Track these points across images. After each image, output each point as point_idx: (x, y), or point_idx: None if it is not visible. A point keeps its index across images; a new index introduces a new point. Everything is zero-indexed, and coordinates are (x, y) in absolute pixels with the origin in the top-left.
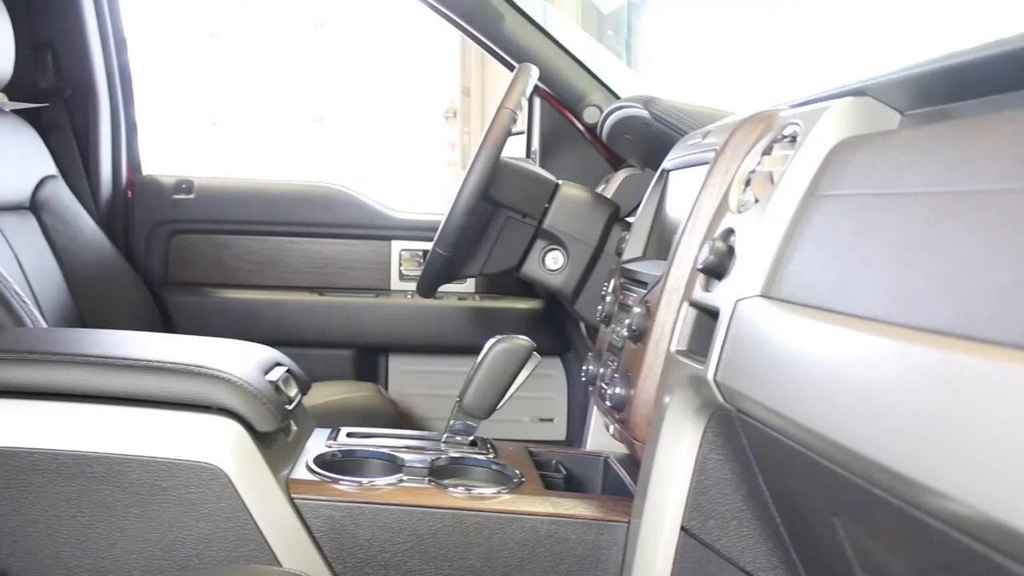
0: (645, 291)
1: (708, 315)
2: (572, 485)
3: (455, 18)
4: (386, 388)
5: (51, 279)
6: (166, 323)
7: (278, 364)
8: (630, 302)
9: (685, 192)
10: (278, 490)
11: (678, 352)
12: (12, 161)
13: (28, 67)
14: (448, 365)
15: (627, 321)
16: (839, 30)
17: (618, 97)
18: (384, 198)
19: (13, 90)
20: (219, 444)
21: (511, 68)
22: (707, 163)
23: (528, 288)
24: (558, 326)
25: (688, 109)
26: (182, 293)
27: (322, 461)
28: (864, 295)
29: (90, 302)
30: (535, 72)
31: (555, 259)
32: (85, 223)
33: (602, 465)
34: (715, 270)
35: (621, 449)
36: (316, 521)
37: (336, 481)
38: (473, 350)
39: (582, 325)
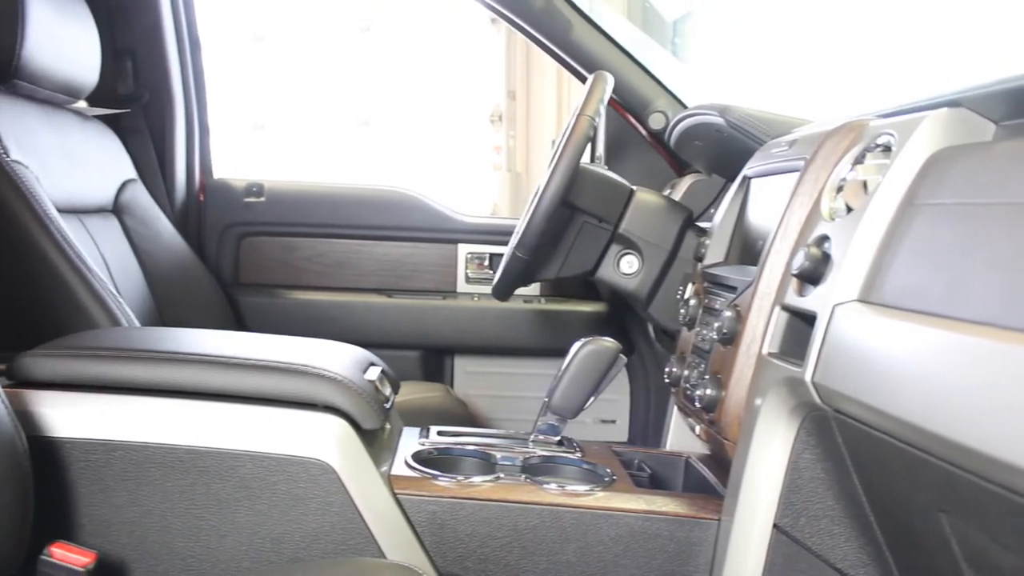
0: (734, 295)
1: (800, 319)
2: (655, 484)
3: (525, 26)
4: (452, 388)
5: (133, 279)
6: (238, 323)
7: (372, 364)
8: (717, 306)
9: (771, 199)
10: (382, 485)
11: (770, 354)
12: (97, 165)
13: (109, 74)
14: (513, 367)
15: (716, 324)
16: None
17: (683, 104)
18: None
19: (94, 96)
20: (327, 441)
21: (577, 75)
22: (794, 171)
23: (592, 291)
24: (622, 329)
25: (764, 117)
26: (252, 294)
27: (419, 458)
28: (974, 300)
29: (168, 302)
30: (611, 80)
31: (630, 263)
32: (163, 225)
33: (683, 465)
34: (810, 275)
35: (700, 449)
36: (418, 516)
37: (435, 477)
38: (538, 352)
39: (650, 328)
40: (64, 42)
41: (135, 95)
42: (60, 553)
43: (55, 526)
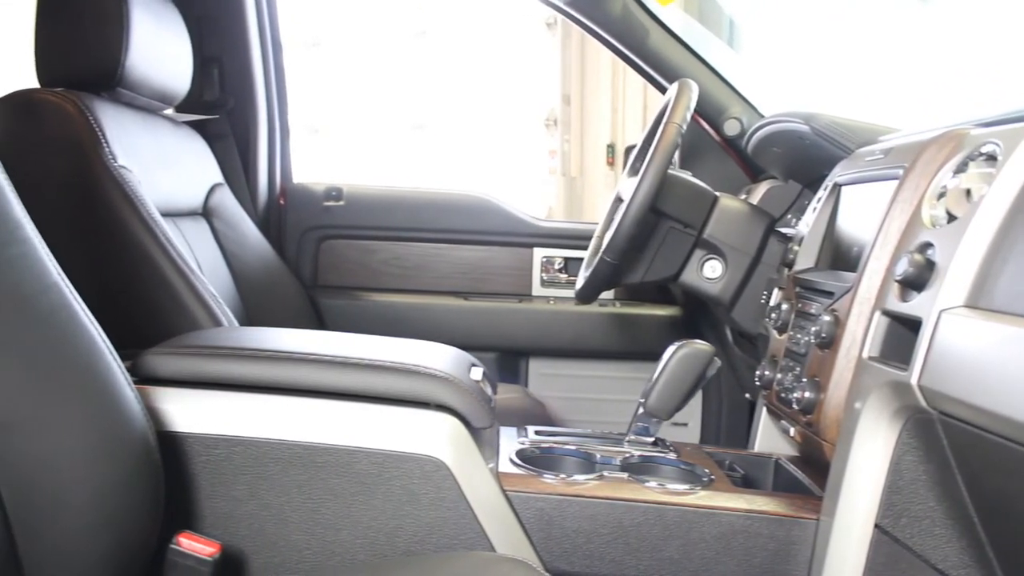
0: (830, 300)
1: (901, 323)
2: (747, 484)
3: (603, 34)
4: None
5: (223, 281)
6: (319, 324)
7: (473, 365)
8: (813, 310)
9: (865, 207)
10: (493, 482)
11: (871, 358)
12: (189, 170)
13: (196, 81)
14: (587, 369)
15: (814, 329)
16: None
17: (758, 110)
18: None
19: (182, 103)
20: (440, 438)
21: (653, 82)
22: (891, 179)
23: (666, 295)
24: (696, 333)
25: (850, 125)
26: (331, 296)
27: (523, 456)
28: None
29: (254, 302)
30: (696, 88)
31: (713, 268)
32: (248, 228)
33: (772, 465)
34: (914, 281)
35: (788, 450)
36: (526, 512)
37: (541, 475)
38: (612, 355)
39: (727, 332)
40: (161, 52)
41: (220, 101)
42: (187, 543)
43: (179, 517)
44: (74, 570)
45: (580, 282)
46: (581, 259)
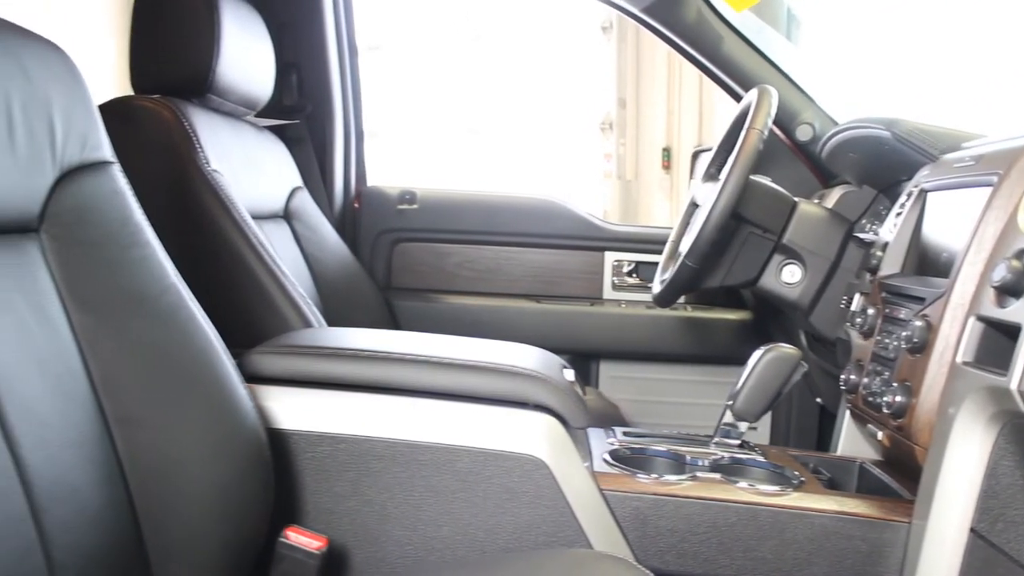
0: (920, 306)
1: (997, 329)
2: (832, 487)
3: (677, 40)
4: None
5: (304, 282)
6: (394, 326)
7: (564, 367)
8: (902, 316)
9: (955, 213)
10: (590, 481)
11: (965, 363)
12: (272, 173)
13: (276, 87)
14: (658, 372)
15: (905, 334)
16: None
17: (831, 117)
18: None
19: (263, 108)
20: (540, 438)
21: (727, 88)
22: (983, 186)
23: (737, 299)
24: (766, 337)
25: (933, 131)
26: (404, 298)
27: (616, 456)
28: None
29: (334, 304)
30: (776, 94)
31: (792, 273)
32: (327, 230)
33: (856, 469)
34: (1012, 288)
35: (871, 454)
36: (622, 511)
37: (635, 475)
38: (682, 358)
39: (802, 336)
40: (248, 59)
41: (299, 106)
42: (295, 537)
43: (284, 512)
44: (194, 561)
45: (657, 286)
46: (652, 263)
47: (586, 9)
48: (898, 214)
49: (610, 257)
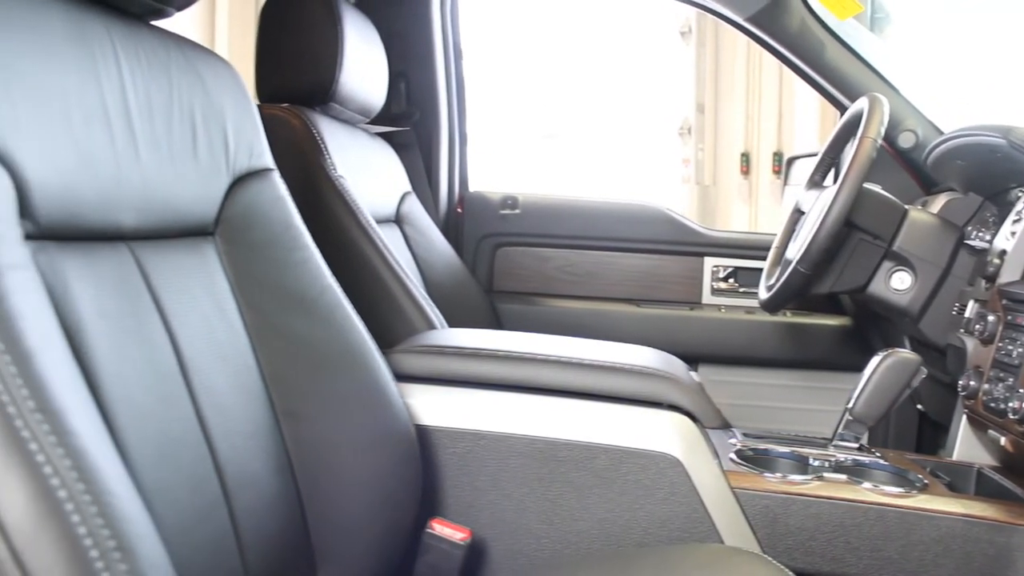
0: None
1: None
2: (951, 490)
3: (780, 49)
4: None
5: (417, 286)
6: (499, 328)
7: (690, 369)
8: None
9: None
10: (722, 479)
11: None
12: (385, 179)
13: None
14: (757, 377)
15: None
16: None
17: (934, 124)
18: None
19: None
20: (674, 437)
21: (829, 97)
22: None
23: (836, 304)
24: (865, 343)
25: None
26: (507, 301)
27: (741, 456)
28: None
29: (443, 306)
30: (886, 103)
31: (901, 280)
32: (435, 235)
33: (975, 474)
34: None
35: (987, 459)
36: (752, 508)
37: (761, 474)
38: (781, 363)
39: (906, 342)
40: (366, 68)
41: (408, 113)
42: (440, 528)
43: (427, 504)
44: (352, 548)
45: (763, 292)
46: (750, 269)
47: (665, 14)
48: (1015, 221)
49: (709, 262)
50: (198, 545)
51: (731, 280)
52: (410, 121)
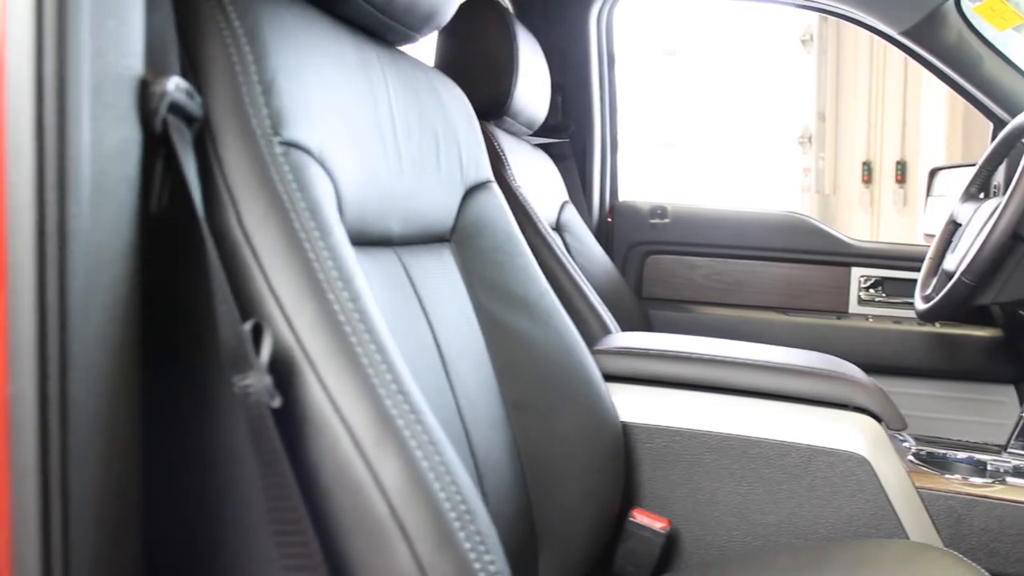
0: None
1: None
2: None
3: (936, 63)
4: None
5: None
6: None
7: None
8: None
9: None
10: (907, 478)
11: None
12: (546, 189)
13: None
14: (905, 386)
15: None
16: None
17: None
18: None
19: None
20: (862, 437)
21: (984, 110)
22: None
23: (986, 316)
24: (1016, 355)
25: None
26: (656, 307)
27: (919, 457)
28: None
29: None
30: None
31: None
32: (592, 242)
33: None
34: None
35: None
36: (936, 508)
37: (943, 475)
38: (928, 374)
39: None
40: (534, 83)
41: (564, 125)
42: (641, 517)
43: (626, 495)
44: (567, 533)
45: (920, 303)
46: (896, 279)
47: (786, 21)
48: None
49: (856, 272)
50: None
51: (878, 289)
52: (567, 132)
